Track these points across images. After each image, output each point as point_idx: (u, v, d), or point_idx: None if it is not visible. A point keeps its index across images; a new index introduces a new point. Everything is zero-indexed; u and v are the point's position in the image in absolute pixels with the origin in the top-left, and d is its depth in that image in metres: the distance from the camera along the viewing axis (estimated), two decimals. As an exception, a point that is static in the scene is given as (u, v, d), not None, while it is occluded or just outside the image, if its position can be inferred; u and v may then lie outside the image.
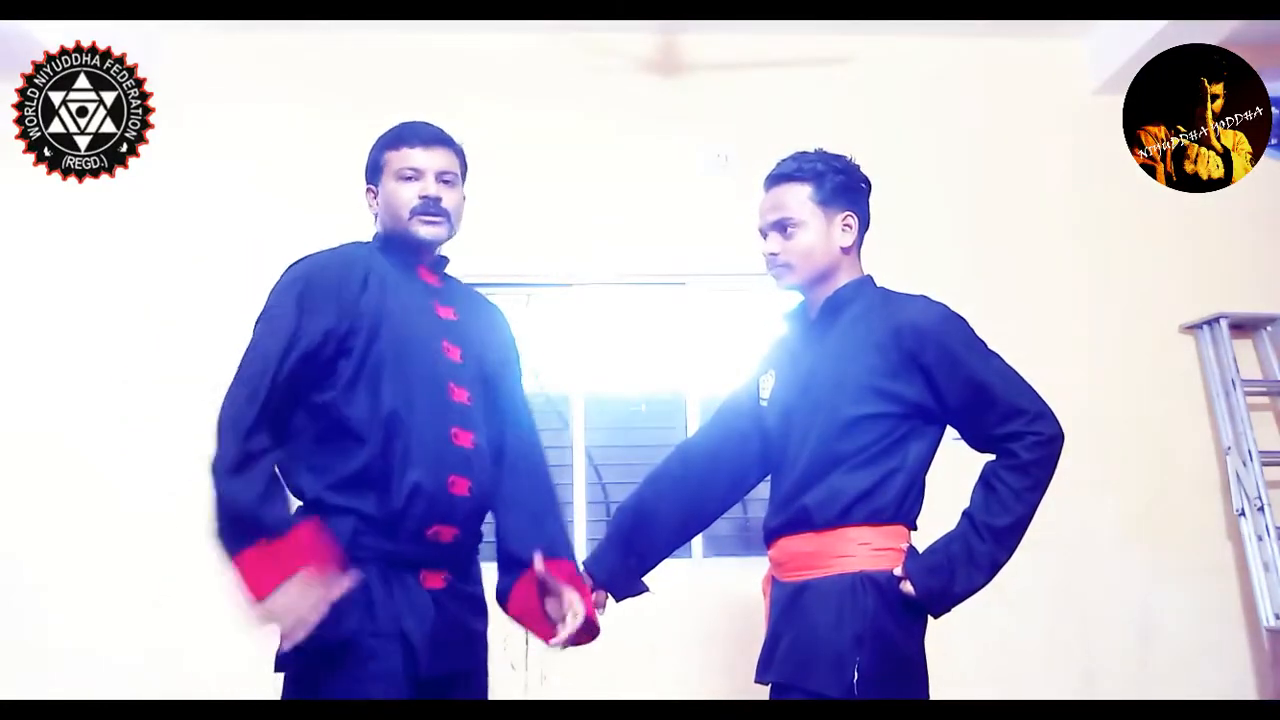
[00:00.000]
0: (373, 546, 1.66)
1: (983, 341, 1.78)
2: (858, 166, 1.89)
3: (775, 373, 1.92)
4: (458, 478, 1.71)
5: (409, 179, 1.80)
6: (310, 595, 1.55)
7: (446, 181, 1.82)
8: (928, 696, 1.73)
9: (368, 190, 1.89)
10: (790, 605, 1.77)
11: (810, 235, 1.81)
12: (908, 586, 1.69)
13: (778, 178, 1.87)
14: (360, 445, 1.67)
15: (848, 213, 1.83)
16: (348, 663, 1.62)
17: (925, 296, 1.82)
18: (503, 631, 1.94)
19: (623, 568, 1.94)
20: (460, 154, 1.90)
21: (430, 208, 1.79)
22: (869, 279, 1.87)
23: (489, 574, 1.87)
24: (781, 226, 1.84)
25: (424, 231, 1.80)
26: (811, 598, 1.72)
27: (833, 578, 1.70)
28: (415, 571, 1.68)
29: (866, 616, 1.66)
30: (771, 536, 1.88)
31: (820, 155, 1.86)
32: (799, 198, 1.82)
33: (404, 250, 1.84)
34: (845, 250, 1.83)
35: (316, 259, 1.80)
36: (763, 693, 3.20)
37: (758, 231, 1.91)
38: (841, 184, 1.83)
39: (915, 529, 1.79)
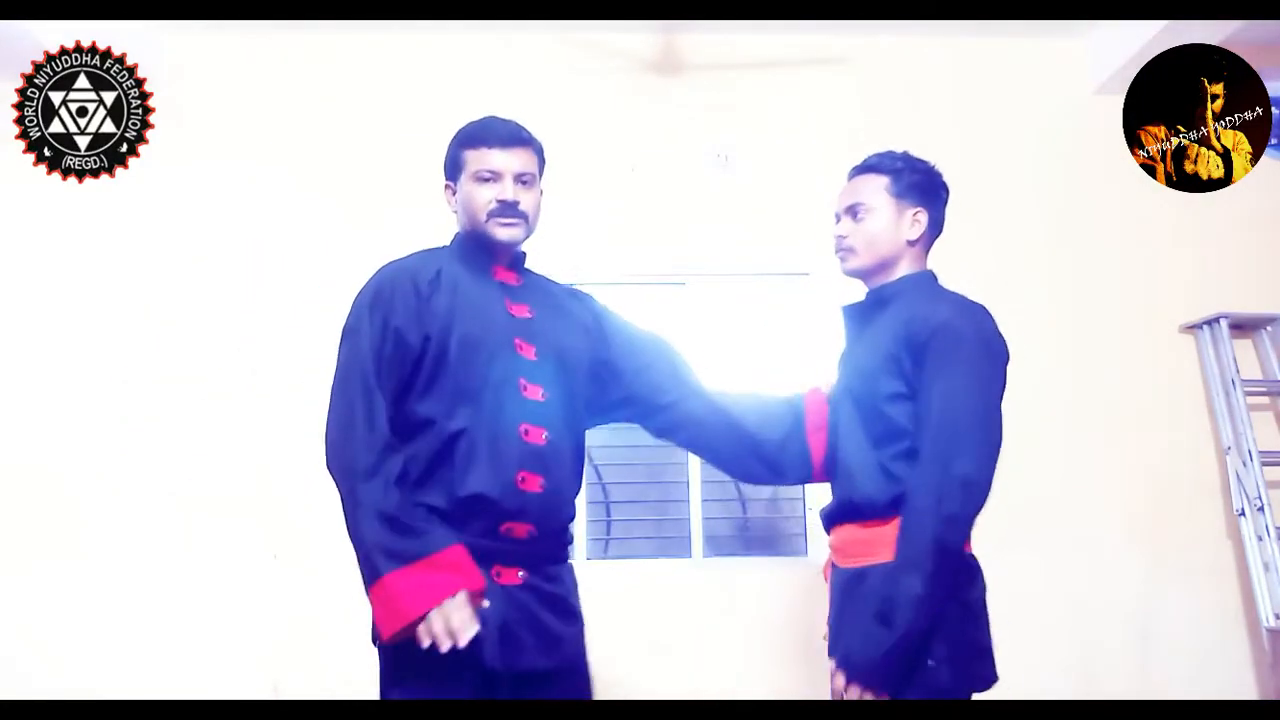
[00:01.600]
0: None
1: (989, 375, 1.73)
2: (940, 174, 1.93)
3: (838, 373, 1.99)
4: (528, 474, 1.72)
5: (487, 180, 1.81)
6: (466, 615, 1.58)
7: (524, 183, 1.83)
8: (994, 675, 1.73)
9: (446, 187, 1.91)
10: (850, 591, 1.79)
11: (878, 222, 1.86)
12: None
13: (860, 169, 1.93)
14: (431, 443, 1.70)
15: (919, 208, 1.88)
16: (419, 656, 1.62)
17: (970, 301, 1.82)
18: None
19: None
20: (539, 151, 1.90)
21: (508, 211, 1.80)
22: (927, 275, 1.90)
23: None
24: (853, 211, 1.89)
25: (501, 234, 1.82)
26: (871, 584, 1.72)
27: (889, 564, 1.69)
28: (488, 566, 1.68)
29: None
30: (829, 523, 1.90)
31: (904, 155, 1.92)
32: (874, 186, 1.88)
33: (481, 250, 1.86)
34: (911, 243, 1.88)
35: (388, 269, 1.85)
36: (762, 692, 3.22)
37: (834, 217, 1.95)
38: (918, 182, 1.89)
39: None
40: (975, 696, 1.73)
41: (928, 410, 1.69)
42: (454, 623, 1.56)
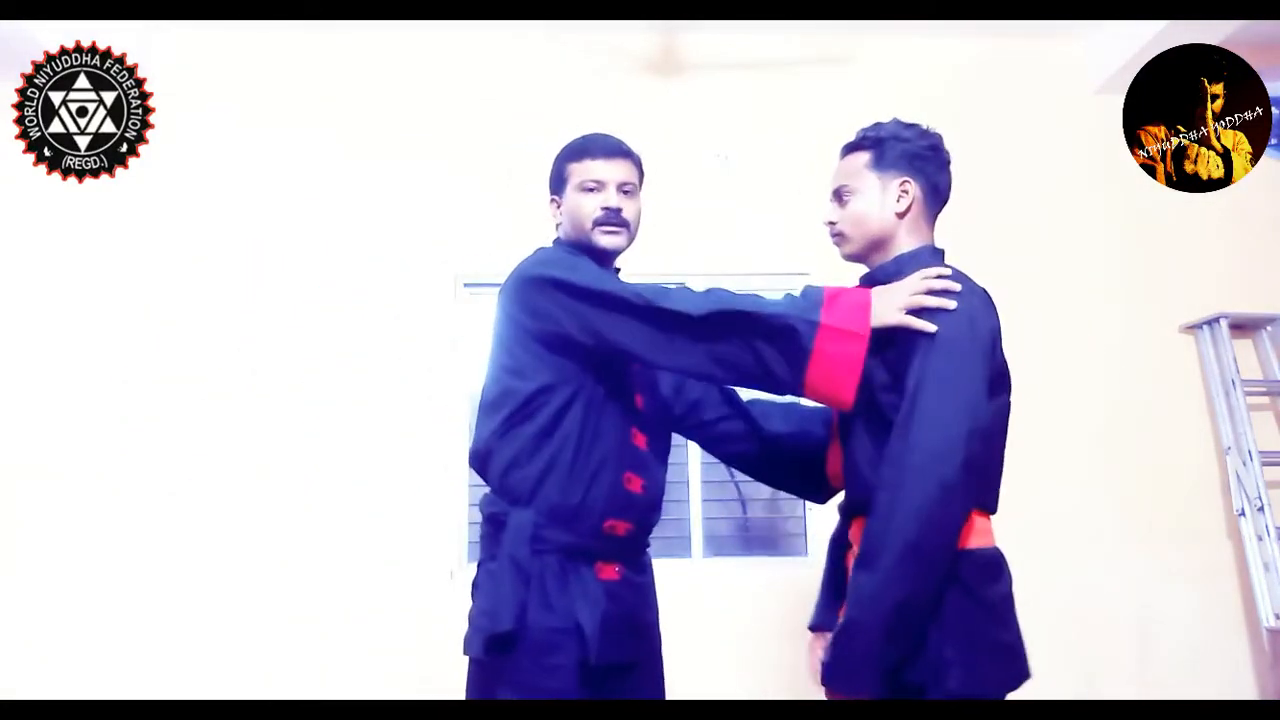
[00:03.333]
0: (552, 539, 1.75)
1: (971, 356, 1.61)
2: (934, 137, 1.82)
3: None
4: (633, 475, 1.81)
5: (591, 190, 1.89)
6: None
7: (626, 192, 1.92)
8: (1025, 671, 1.64)
9: (551, 201, 1.98)
10: None
11: (862, 202, 1.78)
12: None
13: (845, 149, 1.85)
14: (548, 442, 1.77)
15: (904, 178, 1.76)
16: (529, 654, 1.69)
17: (974, 285, 1.71)
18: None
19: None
20: (639, 164, 1.99)
21: (612, 218, 1.88)
22: (927, 250, 1.77)
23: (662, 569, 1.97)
24: (839, 195, 1.82)
25: (605, 241, 1.89)
26: None
27: None
28: (590, 563, 1.76)
29: (944, 603, 1.58)
30: (847, 515, 1.85)
31: (892, 124, 1.81)
32: (856, 165, 1.80)
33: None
34: (900, 215, 1.77)
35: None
36: (762, 692, 3.20)
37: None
38: (903, 151, 1.77)
39: (994, 512, 1.69)
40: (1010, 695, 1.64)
41: (904, 395, 1.59)
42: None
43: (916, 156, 1.78)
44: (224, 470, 3.37)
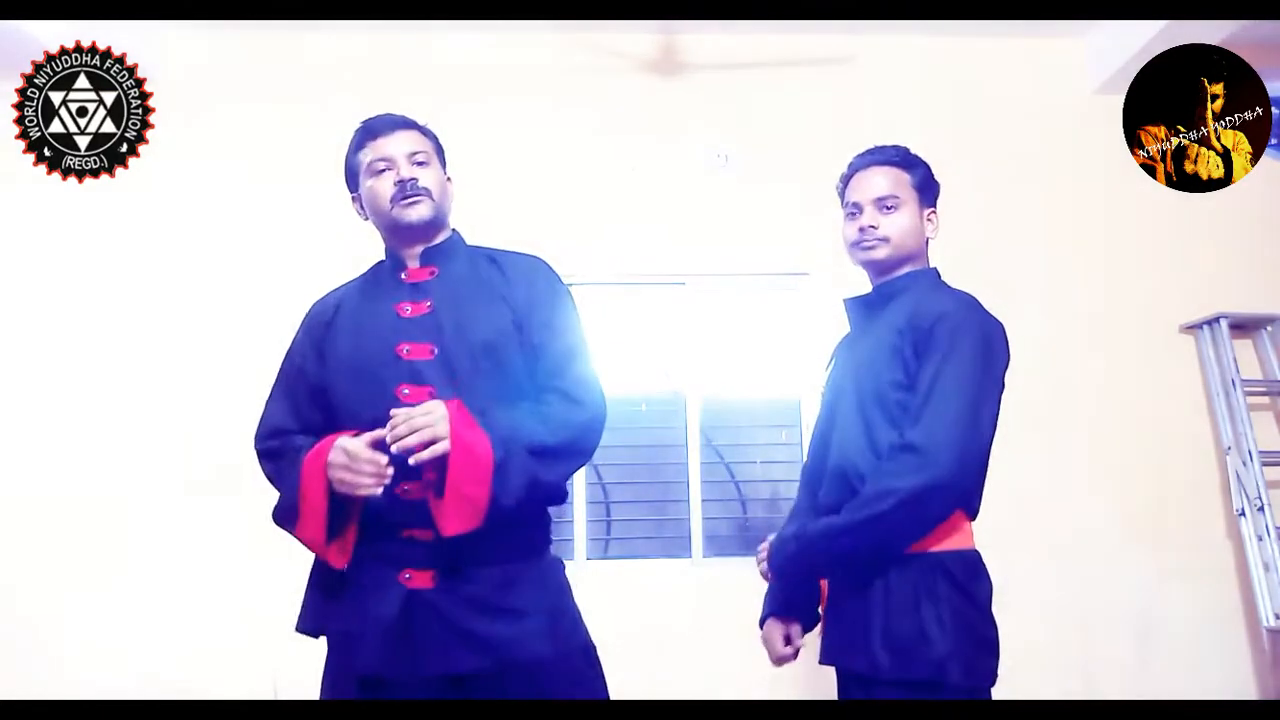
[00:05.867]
0: (358, 542, 1.68)
1: (981, 371, 1.70)
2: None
3: (836, 360, 1.98)
4: (409, 484, 1.63)
5: (383, 170, 1.80)
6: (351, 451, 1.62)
7: (420, 163, 1.81)
8: (997, 669, 1.71)
9: (353, 200, 1.90)
10: (859, 589, 1.73)
11: (908, 217, 1.87)
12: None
13: (879, 161, 1.91)
14: None
15: (932, 209, 1.92)
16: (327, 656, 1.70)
17: (975, 299, 1.82)
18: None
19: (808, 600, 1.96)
20: (430, 135, 1.88)
21: (407, 189, 1.76)
22: (933, 271, 1.92)
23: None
24: (884, 203, 1.88)
25: (409, 214, 1.77)
26: (885, 582, 1.69)
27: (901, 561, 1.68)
28: (397, 570, 1.65)
29: (942, 599, 1.65)
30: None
31: (909, 151, 1.94)
32: (902, 181, 1.89)
33: (397, 248, 1.83)
34: (927, 242, 1.91)
35: (309, 311, 1.94)
36: (762, 692, 3.19)
37: (848, 207, 1.92)
38: (929, 183, 1.92)
39: (974, 516, 1.75)
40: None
41: (917, 394, 1.68)
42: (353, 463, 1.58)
43: (935, 193, 1.94)
44: (224, 470, 3.36)
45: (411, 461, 1.55)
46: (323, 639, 1.75)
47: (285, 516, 1.71)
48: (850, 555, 1.71)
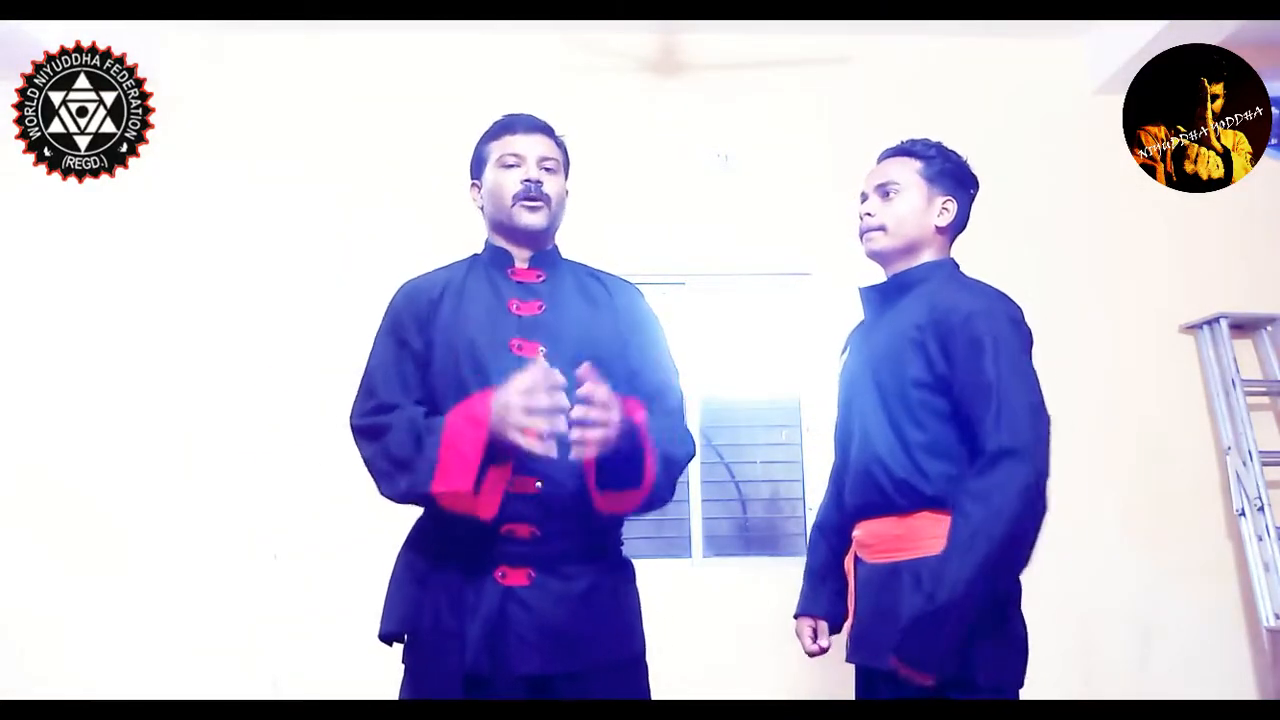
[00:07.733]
0: (449, 539, 1.69)
1: (1026, 358, 1.74)
2: (970, 169, 1.93)
3: (850, 347, 1.97)
4: (523, 478, 1.65)
5: (511, 166, 1.81)
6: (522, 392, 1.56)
7: (548, 169, 1.83)
8: (1026, 668, 1.71)
9: (472, 186, 1.90)
10: (884, 588, 1.74)
11: (908, 203, 1.85)
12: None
13: (891, 152, 1.92)
14: None
15: (949, 197, 1.87)
16: (413, 659, 1.68)
17: (995, 289, 1.81)
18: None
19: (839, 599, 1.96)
20: (561, 145, 1.91)
21: (532, 191, 1.79)
22: (950, 262, 1.89)
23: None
24: (883, 190, 1.88)
25: (526, 219, 1.79)
26: (908, 580, 1.69)
27: (925, 559, 1.67)
28: (491, 567, 1.65)
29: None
30: (857, 516, 1.86)
31: (939, 144, 1.92)
32: (907, 169, 1.87)
33: (497, 255, 1.84)
34: (939, 230, 1.87)
35: (405, 287, 1.86)
36: (763, 692, 3.20)
37: (860, 197, 1.93)
38: (950, 170, 1.88)
39: None
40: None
41: (976, 401, 1.66)
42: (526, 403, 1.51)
43: (961, 182, 1.89)
44: (224, 469, 3.37)
45: (574, 437, 1.51)
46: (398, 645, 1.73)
47: (413, 482, 1.62)
48: (992, 590, 1.62)
